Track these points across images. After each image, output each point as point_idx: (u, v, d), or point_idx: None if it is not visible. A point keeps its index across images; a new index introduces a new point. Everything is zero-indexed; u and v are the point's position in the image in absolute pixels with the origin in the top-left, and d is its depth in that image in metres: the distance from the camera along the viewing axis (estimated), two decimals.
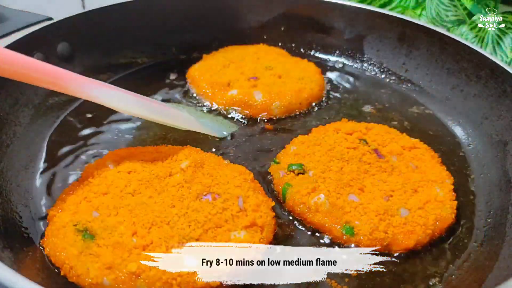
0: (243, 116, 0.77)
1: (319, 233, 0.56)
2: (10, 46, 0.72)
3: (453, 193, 0.60)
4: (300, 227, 0.58)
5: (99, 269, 0.45)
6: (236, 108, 0.78)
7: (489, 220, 0.60)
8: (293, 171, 0.61)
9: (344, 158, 0.62)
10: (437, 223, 0.55)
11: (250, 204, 0.54)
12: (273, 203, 0.57)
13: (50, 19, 1.00)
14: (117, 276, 0.45)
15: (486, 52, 0.77)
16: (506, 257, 0.52)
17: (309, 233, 0.57)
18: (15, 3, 1.09)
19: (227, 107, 0.78)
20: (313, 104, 0.81)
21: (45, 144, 0.69)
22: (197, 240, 0.49)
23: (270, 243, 0.52)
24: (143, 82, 0.87)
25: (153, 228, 0.50)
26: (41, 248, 0.51)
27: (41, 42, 0.77)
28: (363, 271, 0.52)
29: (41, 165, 0.65)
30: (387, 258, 0.54)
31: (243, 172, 0.60)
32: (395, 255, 0.54)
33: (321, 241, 0.56)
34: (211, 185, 0.56)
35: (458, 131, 0.77)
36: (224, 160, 0.63)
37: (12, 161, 0.64)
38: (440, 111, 0.81)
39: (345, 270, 0.52)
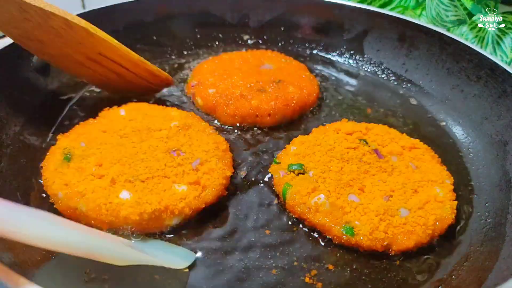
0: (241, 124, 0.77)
1: (319, 233, 0.57)
2: (10, 46, 0.72)
3: (453, 193, 0.60)
4: (300, 227, 0.58)
5: (59, 184, 0.56)
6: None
7: (489, 220, 0.60)
8: (293, 171, 0.61)
9: (344, 158, 0.62)
10: (437, 223, 0.55)
11: (205, 167, 0.60)
12: (230, 173, 0.61)
13: None
14: (68, 192, 0.54)
15: (486, 52, 0.77)
16: (506, 257, 0.52)
17: (309, 233, 0.57)
18: None
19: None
20: (315, 104, 0.81)
21: (45, 145, 0.69)
22: (142, 181, 0.56)
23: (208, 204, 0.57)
24: None
25: (116, 165, 0.58)
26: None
27: None
28: (363, 271, 0.53)
29: (41, 165, 0.65)
30: (387, 258, 0.54)
31: (219, 142, 0.65)
32: (395, 255, 0.54)
33: (321, 241, 0.56)
34: (184, 144, 0.63)
35: (458, 131, 0.77)
36: (210, 129, 0.68)
37: (12, 161, 0.64)
38: (440, 111, 0.81)
39: (345, 270, 0.53)
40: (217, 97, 0.77)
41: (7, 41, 0.73)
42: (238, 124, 0.76)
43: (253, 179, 0.65)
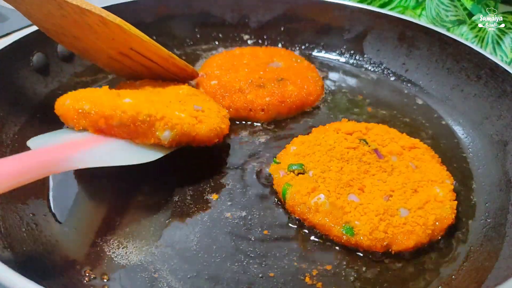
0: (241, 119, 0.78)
1: (319, 233, 0.56)
2: (10, 46, 0.73)
3: (453, 193, 0.60)
4: (300, 227, 0.58)
5: (70, 96, 0.60)
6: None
7: (489, 220, 0.60)
8: (293, 171, 0.61)
9: (344, 158, 0.62)
10: (437, 223, 0.55)
11: (205, 113, 0.65)
12: (225, 127, 0.66)
13: None
14: (76, 96, 0.59)
15: (486, 52, 0.77)
16: (506, 257, 0.52)
17: (309, 233, 0.57)
18: None
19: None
20: (315, 104, 0.82)
21: None
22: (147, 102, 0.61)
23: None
24: None
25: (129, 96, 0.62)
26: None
27: (41, 42, 0.77)
28: (363, 271, 0.53)
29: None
30: (387, 258, 0.54)
31: (221, 108, 0.71)
32: (394, 255, 0.54)
33: (321, 241, 0.56)
34: (190, 100, 0.68)
35: (458, 131, 0.77)
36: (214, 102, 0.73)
37: None
38: (440, 111, 0.81)
39: (345, 270, 0.53)
40: (216, 89, 0.79)
41: (7, 41, 0.73)
42: (234, 117, 0.77)
43: (251, 177, 0.65)
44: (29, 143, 0.58)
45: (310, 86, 0.81)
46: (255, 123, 0.77)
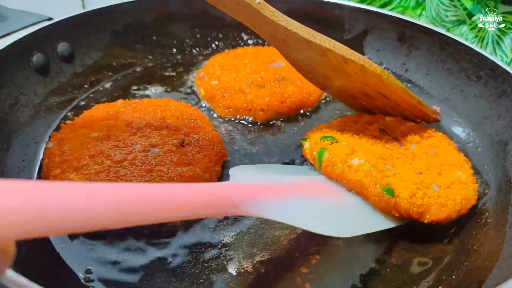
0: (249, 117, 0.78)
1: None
2: (10, 46, 0.73)
3: (474, 177, 0.61)
4: None
5: None
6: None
7: (489, 220, 0.60)
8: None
9: (370, 143, 0.62)
10: (463, 201, 0.56)
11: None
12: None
13: (50, 19, 1.01)
14: None
15: (486, 52, 0.77)
16: (506, 257, 0.52)
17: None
18: (15, 3, 1.09)
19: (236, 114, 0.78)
20: (315, 105, 0.82)
21: (45, 145, 0.69)
22: None
23: None
24: (143, 83, 0.87)
25: None
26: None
27: (41, 42, 0.77)
28: (361, 270, 0.53)
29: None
30: (387, 257, 0.54)
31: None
32: (393, 254, 0.54)
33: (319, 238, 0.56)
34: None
35: (458, 131, 0.77)
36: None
37: (12, 161, 0.64)
38: (440, 111, 0.81)
39: (339, 266, 0.53)
40: (216, 89, 0.79)
41: (7, 41, 0.73)
42: (234, 117, 0.77)
43: None
44: (232, 170, 0.53)
45: (311, 87, 0.81)
46: (254, 123, 0.77)
